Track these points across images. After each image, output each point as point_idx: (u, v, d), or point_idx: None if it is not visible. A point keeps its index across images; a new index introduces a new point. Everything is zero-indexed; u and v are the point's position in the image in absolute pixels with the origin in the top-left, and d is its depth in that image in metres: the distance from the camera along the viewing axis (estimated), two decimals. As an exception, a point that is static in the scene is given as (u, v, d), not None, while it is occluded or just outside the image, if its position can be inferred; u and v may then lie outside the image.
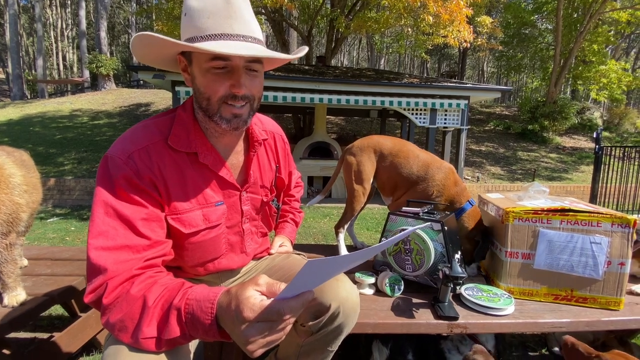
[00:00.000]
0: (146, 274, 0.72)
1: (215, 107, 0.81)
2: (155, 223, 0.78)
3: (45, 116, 11.55)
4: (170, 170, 0.82)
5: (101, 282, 0.68)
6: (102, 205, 0.73)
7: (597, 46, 12.14)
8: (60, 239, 4.35)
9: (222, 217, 0.91)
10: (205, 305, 0.63)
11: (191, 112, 0.88)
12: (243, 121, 0.84)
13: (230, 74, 0.79)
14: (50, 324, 2.02)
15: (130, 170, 0.76)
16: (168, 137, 0.83)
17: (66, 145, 8.98)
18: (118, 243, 0.71)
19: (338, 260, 0.57)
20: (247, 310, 0.58)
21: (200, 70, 0.79)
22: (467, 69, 26.06)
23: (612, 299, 1.21)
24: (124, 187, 0.75)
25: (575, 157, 10.09)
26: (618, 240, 1.19)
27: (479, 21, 8.79)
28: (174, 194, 0.82)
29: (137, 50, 0.80)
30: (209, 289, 0.66)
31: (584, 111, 12.64)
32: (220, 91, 0.79)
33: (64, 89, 20.12)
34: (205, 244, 0.90)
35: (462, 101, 6.52)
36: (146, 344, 0.64)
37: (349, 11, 8.84)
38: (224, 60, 0.77)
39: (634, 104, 20.42)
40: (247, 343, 0.58)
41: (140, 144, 0.79)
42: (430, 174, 1.58)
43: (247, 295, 0.59)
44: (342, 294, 0.89)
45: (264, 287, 0.62)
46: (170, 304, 0.65)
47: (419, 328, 1.12)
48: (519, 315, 1.17)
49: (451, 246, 1.29)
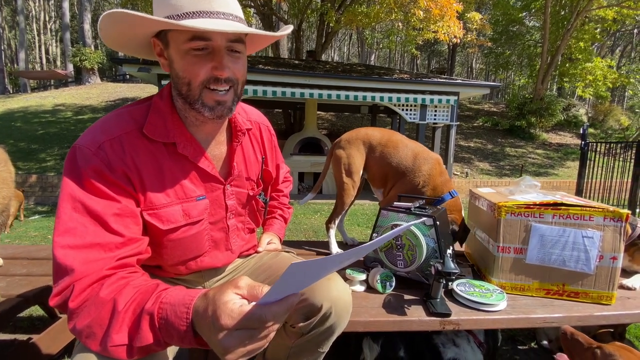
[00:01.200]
0: (117, 274, 0.66)
1: (197, 93, 0.75)
2: (129, 219, 0.72)
3: (28, 111, 11.21)
4: (146, 161, 0.76)
5: (67, 284, 0.63)
6: (69, 200, 0.67)
7: (583, 44, 12.36)
8: (43, 237, 4.22)
9: (204, 212, 0.85)
10: (180, 310, 0.57)
11: (169, 99, 0.81)
12: (227, 108, 0.78)
13: (211, 56, 0.73)
14: (30, 325, 1.95)
15: (101, 162, 0.70)
16: (143, 126, 0.76)
17: (49, 141, 8.73)
18: (87, 241, 0.65)
19: (325, 262, 0.52)
20: (224, 316, 0.52)
21: (178, 53, 0.73)
22: (457, 66, 26.26)
23: (604, 294, 1.20)
24: (93, 179, 0.69)
25: (561, 153, 10.29)
26: (610, 234, 1.18)
27: (469, 17, 8.82)
28: (149, 187, 0.76)
29: (107, 32, 0.73)
30: (185, 292, 0.60)
31: (569, 108, 12.89)
32: (201, 74, 0.73)
33: (47, 83, 19.52)
34: (185, 241, 0.85)
35: (452, 97, 6.56)
36: (116, 352, 0.59)
37: (340, 5, 8.77)
38: (204, 40, 0.71)
39: (618, 101, 20.91)
40: (225, 352, 0.53)
41: (112, 134, 0.73)
42: (418, 164, 1.60)
43: (225, 299, 0.54)
44: (334, 294, 0.85)
45: (245, 290, 0.56)
46: (142, 308, 0.59)
47: (411, 325, 1.10)
48: (511, 311, 1.15)
49: (443, 241, 1.27)
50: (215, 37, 0.72)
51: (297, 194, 6.86)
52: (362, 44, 26.64)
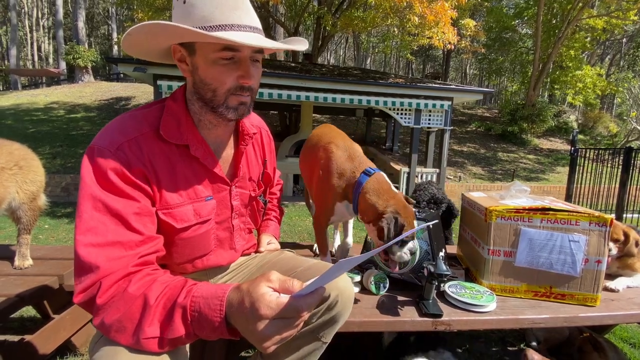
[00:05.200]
0: (144, 271, 0.69)
1: (222, 99, 0.80)
2: (147, 218, 0.75)
3: (19, 109, 11.03)
4: (161, 162, 0.79)
5: (93, 281, 0.65)
6: (89, 199, 0.69)
7: (574, 52, 12.62)
8: (33, 237, 4.14)
9: (212, 212, 0.89)
10: (214, 303, 0.61)
11: (183, 102, 0.85)
12: (247, 109, 0.84)
13: (237, 65, 0.78)
14: (21, 325, 1.93)
15: (121, 162, 0.72)
16: (158, 128, 0.80)
17: (40, 140, 8.60)
18: (109, 239, 0.68)
19: (356, 259, 0.58)
20: (264, 307, 0.57)
21: (206, 61, 0.77)
22: (451, 71, 26.57)
23: (589, 296, 1.25)
24: (113, 179, 0.71)
25: (551, 159, 10.46)
26: (595, 238, 1.23)
27: (463, 24, 8.95)
28: (165, 188, 0.79)
29: (135, 39, 0.76)
30: (217, 286, 0.64)
31: (560, 114, 13.11)
32: (228, 82, 0.78)
33: (39, 81, 19.27)
34: (195, 240, 0.88)
35: (446, 102, 6.64)
36: (148, 345, 0.62)
37: (336, 9, 8.84)
38: (234, 50, 0.76)
39: (607, 108, 21.33)
40: (263, 340, 0.57)
41: (130, 135, 0.76)
42: (319, 156, 1.36)
43: (262, 292, 0.58)
44: (341, 284, 0.89)
45: (277, 284, 0.60)
46: (174, 302, 0.63)
47: (404, 326, 1.13)
48: (501, 312, 1.19)
49: (436, 244, 1.30)
50: (243, 48, 0.76)
51: (291, 196, 6.86)
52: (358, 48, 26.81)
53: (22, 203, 1.50)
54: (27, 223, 1.57)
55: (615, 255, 1.45)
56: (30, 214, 1.56)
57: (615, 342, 1.75)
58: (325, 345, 0.93)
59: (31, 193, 1.53)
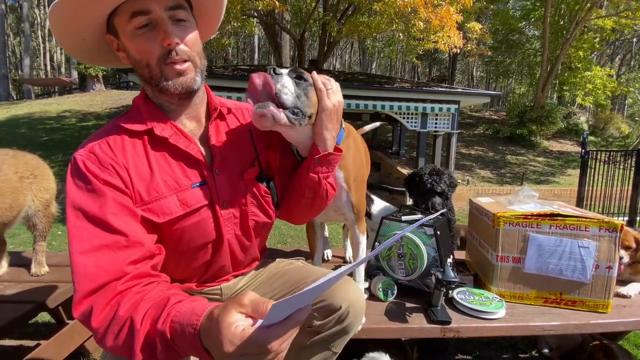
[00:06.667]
0: (133, 290, 0.66)
1: (157, 72, 0.75)
2: (128, 216, 0.72)
3: (32, 117, 11.31)
4: (132, 156, 0.76)
5: (86, 290, 0.65)
6: (71, 209, 0.70)
7: (582, 53, 12.47)
8: (47, 243, 4.24)
9: (204, 198, 0.81)
10: (188, 331, 0.56)
11: (143, 92, 0.84)
12: (192, 80, 0.78)
13: (157, 30, 0.73)
14: (36, 331, 1.97)
15: (93, 164, 0.73)
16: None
17: (53, 147, 8.80)
18: (94, 244, 0.67)
19: (316, 289, 0.48)
20: (226, 343, 0.49)
21: (127, 37, 0.75)
22: (457, 74, 26.43)
23: (600, 302, 1.23)
24: (88, 183, 0.71)
25: (562, 161, 10.31)
26: (605, 244, 1.22)
27: (469, 27, 8.93)
28: (139, 182, 0.76)
29: (59, 33, 0.76)
30: (192, 310, 0.58)
31: (570, 116, 12.95)
32: (154, 51, 0.74)
33: (51, 90, 19.72)
34: (189, 232, 0.80)
35: (453, 105, 6.61)
36: None
37: (341, 15, 8.91)
38: (144, 14, 0.72)
39: (618, 109, 20.99)
40: None
41: (101, 136, 0.77)
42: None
43: (228, 322, 0.50)
44: (352, 296, 0.88)
45: (249, 308, 0.52)
46: (155, 327, 0.59)
47: (412, 332, 1.13)
48: (510, 319, 1.18)
49: (444, 251, 1.30)
50: (152, 7, 0.72)
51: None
52: (363, 53, 26.89)
53: (37, 210, 1.55)
54: (42, 230, 1.62)
55: (627, 262, 1.43)
56: (45, 220, 1.61)
57: (629, 349, 1.72)
58: (336, 355, 0.93)
59: (45, 200, 1.59)
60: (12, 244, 4.15)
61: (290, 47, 12.57)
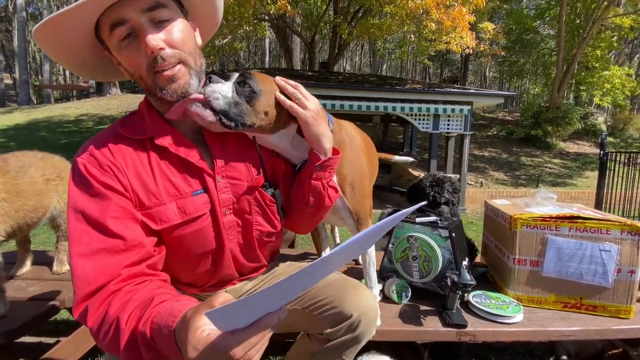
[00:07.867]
0: (124, 289, 0.66)
1: (151, 81, 0.74)
2: (128, 220, 0.72)
3: (52, 121, 11.67)
4: (133, 162, 0.76)
5: (84, 294, 0.65)
6: (72, 212, 0.71)
7: (600, 52, 12.16)
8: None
9: (203, 207, 0.79)
10: (164, 333, 0.55)
11: (146, 99, 0.83)
12: (185, 84, 0.75)
13: (139, 38, 0.71)
14: (55, 328, 2.02)
15: (93, 167, 0.73)
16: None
17: (71, 150, 9.04)
18: (93, 248, 0.68)
19: (290, 282, 0.43)
20: (190, 348, 0.47)
21: (116, 51, 0.73)
22: (470, 74, 26.13)
23: (622, 307, 1.20)
24: (88, 186, 0.71)
25: (579, 163, 10.05)
26: (628, 247, 1.18)
27: (482, 27, 8.84)
28: (139, 187, 0.75)
29: (56, 59, 0.76)
30: (169, 312, 0.57)
31: (587, 116, 12.62)
32: (141, 62, 0.72)
33: (70, 95, 20.34)
34: (188, 240, 0.79)
35: (465, 107, 6.53)
36: None
37: (352, 18, 8.92)
38: (122, 24, 0.69)
39: (638, 109, 20.35)
40: None
41: (101, 139, 0.77)
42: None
43: (196, 325, 0.49)
44: (364, 303, 0.85)
45: None
46: (137, 328, 0.59)
47: (427, 336, 1.12)
48: (528, 323, 1.16)
49: (459, 253, 1.29)
50: (128, 14, 0.69)
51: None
52: (373, 54, 26.84)
53: (61, 211, 1.60)
54: (65, 230, 1.67)
55: None
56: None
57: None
58: None
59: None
60: (32, 243, 4.27)
61: (300, 49, 12.65)
